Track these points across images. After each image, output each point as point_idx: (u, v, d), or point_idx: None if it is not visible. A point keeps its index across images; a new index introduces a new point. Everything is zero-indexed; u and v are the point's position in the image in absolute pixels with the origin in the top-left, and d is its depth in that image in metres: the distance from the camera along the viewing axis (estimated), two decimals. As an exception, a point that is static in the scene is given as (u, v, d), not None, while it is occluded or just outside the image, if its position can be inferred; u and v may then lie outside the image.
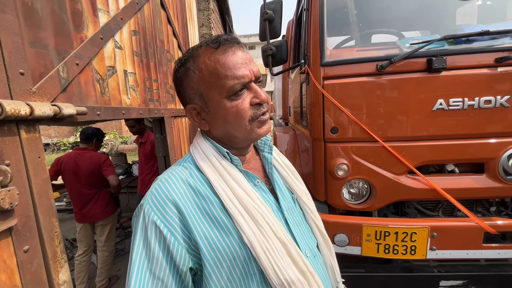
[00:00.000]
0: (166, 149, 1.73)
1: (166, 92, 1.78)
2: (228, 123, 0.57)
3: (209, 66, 0.54)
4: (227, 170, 0.58)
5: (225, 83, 0.53)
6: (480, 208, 1.55)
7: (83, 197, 2.37)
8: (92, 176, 2.37)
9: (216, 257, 0.52)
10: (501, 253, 1.38)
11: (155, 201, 0.53)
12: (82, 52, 0.93)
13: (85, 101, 0.94)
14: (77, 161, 2.34)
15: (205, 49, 0.55)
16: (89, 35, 0.99)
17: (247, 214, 0.54)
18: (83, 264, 2.45)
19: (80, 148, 2.44)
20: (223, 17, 4.80)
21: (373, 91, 1.46)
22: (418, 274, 1.50)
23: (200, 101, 0.57)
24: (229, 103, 0.55)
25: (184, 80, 0.58)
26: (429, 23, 1.82)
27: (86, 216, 2.40)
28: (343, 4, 1.70)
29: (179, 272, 0.52)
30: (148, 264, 0.50)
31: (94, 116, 0.96)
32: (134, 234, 0.54)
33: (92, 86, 0.99)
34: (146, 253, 0.51)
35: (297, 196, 0.70)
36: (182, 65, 0.58)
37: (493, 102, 1.34)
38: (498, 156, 1.37)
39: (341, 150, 1.52)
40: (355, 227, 1.48)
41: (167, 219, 0.52)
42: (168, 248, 0.51)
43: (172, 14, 2.01)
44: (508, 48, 1.33)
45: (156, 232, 0.51)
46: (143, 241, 0.51)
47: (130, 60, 1.32)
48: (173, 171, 0.58)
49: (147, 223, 0.52)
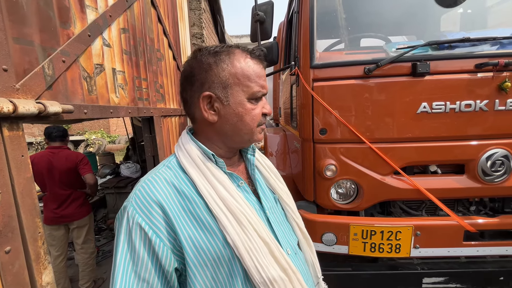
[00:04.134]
0: (155, 148, 1.71)
1: (155, 91, 1.77)
2: (241, 122, 0.61)
3: (244, 67, 0.60)
4: (211, 172, 0.59)
5: (253, 87, 0.60)
6: (461, 208, 1.62)
7: (57, 198, 2.29)
8: (68, 175, 2.30)
9: (201, 257, 0.53)
10: (480, 251, 1.45)
11: (139, 203, 0.53)
12: (69, 49, 0.91)
13: (72, 99, 0.93)
14: (52, 160, 2.26)
15: (242, 53, 0.61)
16: (76, 32, 0.97)
17: (231, 214, 0.55)
18: (59, 271, 2.34)
19: (54, 147, 2.34)
20: (214, 17, 4.79)
21: (361, 93, 1.50)
22: (403, 271, 1.55)
23: (222, 92, 0.59)
24: (249, 105, 0.61)
25: (214, 68, 0.59)
26: (415, 29, 1.89)
27: (61, 217, 2.31)
28: (332, 7, 1.73)
29: (164, 273, 0.52)
30: (133, 266, 0.50)
31: (81, 115, 0.94)
32: (117, 237, 0.53)
33: (79, 84, 0.97)
34: (131, 255, 0.51)
35: (278, 196, 0.73)
36: (214, 54, 0.60)
37: (473, 106, 1.40)
38: (477, 157, 1.44)
39: (330, 151, 1.55)
40: (343, 227, 1.51)
41: (152, 220, 0.52)
42: (153, 249, 0.51)
43: (162, 13, 1.99)
44: (487, 55, 1.40)
45: (141, 234, 0.51)
46: (128, 244, 0.51)
47: (119, 58, 1.30)
48: (157, 172, 0.59)
49: (132, 225, 0.52)
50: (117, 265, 0.50)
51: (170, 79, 2.14)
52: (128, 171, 4.16)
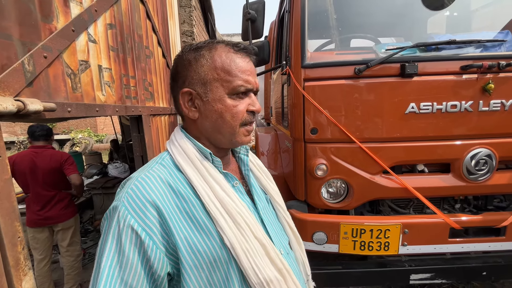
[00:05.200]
0: (143, 148, 1.67)
1: (144, 89, 1.72)
2: (221, 118, 0.58)
3: (225, 61, 0.57)
4: (208, 171, 0.57)
5: (234, 81, 0.57)
6: (447, 205, 1.66)
7: (41, 199, 2.20)
8: (52, 175, 2.22)
9: (197, 259, 0.51)
10: (464, 247, 1.49)
11: (132, 203, 0.50)
12: (51, 44, 0.87)
13: (54, 97, 0.89)
14: (35, 160, 2.17)
15: (225, 47, 0.59)
16: (59, 27, 0.93)
17: (228, 215, 0.54)
18: (43, 275, 2.25)
19: (37, 146, 2.25)
20: (205, 14, 4.73)
21: (351, 93, 1.51)
22: (391, 269, 1.58)
23: (202, 88, 0.58)
24: (230, 101, 0.57)
25: (193, 63, 0.59)
26: (404, 31, 1.93)
27: (44, 219, 2.23)
28: (324, 7, 1.74)
29: (154, 278, 0.50)
30: (120, 271, 0.47)
31: (64, 113, 0.90)
32: (104, 238, 0.50)
33: (62, 81, 0.93)
34: (118, 259, 0.48)
35: (270, 197, 0.73)
36: (195, 50, 0.60)
37: (458, 106, 1.44)
38: (462, 157, 1.48)
39: (320, 150, 1.56)
40: (333, 226, 1.52)
41: (145, 222, 0.49)
42: (145, 253, 0.48)
43: (151, 9, 1.94)
44: (472, 57, 1.44)
45: (132, 237, 0.48)
46: (116, 246, 0.48)
47: (105, 54, 1.25)
48: (151, 170, 0.56)
49: (122, 227, 0.49)
50: (102, 269, 0.47)
51: (160, 77, 2.09)
52: (116, 171, 4.06)
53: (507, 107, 1.43)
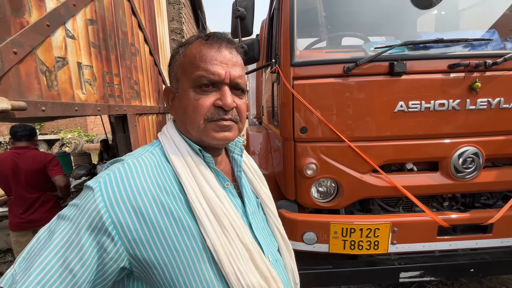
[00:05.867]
0: (129, 148, 1.62)
1: (129, 88, 1.67)
2: (186, 114, 0.55)
3: (191, 53, 0.55)
4: (198, 168, 0.55)
5: (194, 72, 0.53)
6: (435, 203, 1.68)
7: (24, 202, 2.13)
8: (35, 177, 2.14)
9: (174, 260, 0.48)
10: (452, 245, 1.50)
11: (110, 189, 0.46)
12: (22, 39, 0.82)
13: (27, 95, 0.84)
14: (17, 161, 2.10)
15: (197, 39, 0.57)
16: (32, 21, 0.88)
17: (214, 216, 0.52)
18: None
19: (19, 147, 2.17)
20: (195, 12, 4.66)
21: (340, 92, 1.50)
22: (381, 267, 1.58)
23: (176, 84, 0.58)
24: (194, 94, 0.54)
25: (172, 61, 0.60)
26: (393, 29, 1.93)
27: (28, 222, 2.16)
28: (312, 5, 1.72)
29: (102, 269, 0.45)
30: (66, 252, 0.42)
31: (38, 112, 0.85)
32: (64, 212, 0.47)
33: (35, 79, 0.88)
34: (69, 239, 0.43)
35: (261, 201, 0.70)
36: (176, 48, 0.61)
37: (446, 105, 1.45)
38: (450, 155, 1.49)
39: (310, 149, 1.54)
40: (323, 225, 1.51)
41: (117, 213, 0.45)
42: (103, 243, 0.44)
43: (137, 5, 1.88)
44: (459, 56, 1.44)
45: (97, 223, 0.44)
46: (73, 225, 0.44)
47: (85, 51, 1.20)
48: (139, 158, 0.53)
49: (89, 209, 0.45)
50: (51, 243, 0.43)
51: (147, 75, 2.04)
52: (105, 172, 3.96)
53: (494, 105, 1.44)
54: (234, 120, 0.57)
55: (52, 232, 0.45)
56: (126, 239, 0.46)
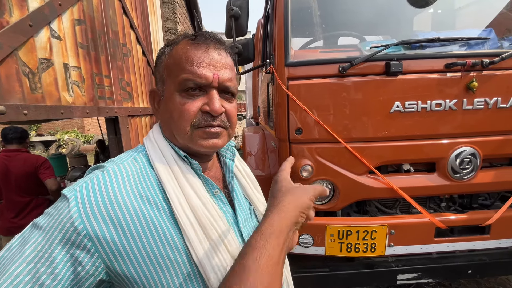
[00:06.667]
0: (121, 151, 1.58)
1: (121, 89, 1.63)
2: (171, 119, 0.52)
3: (177, 54, 0.52)
4: (184, 175, 0.51)
5: (180, 75, 0.50)
6: (432, 205, 1.65)
7: (15, 206, 2.10)
8: (26, 180, 2.11)
9: (157, 275, 0.45)
10: (450, 246, 1.48)
11: (86, 200, 0.43)
12: (1, 40, 0.78)
13: (7, 98, 0.80)
14: (7, 164, 2.07)
15: (184, 39, 0.54)
16: (13, 21, 0.84)
17: (200, 227, 0.48)
18: None
19: (10, 150, 2.14)
20: (191, 12, 4.62)
21: (336, 92, 1.47)
22: (378, 270, 1.56)
23: (161, 86, 0.55)
24: (180, 99, 0.51)
25: (157, 62, 0.57)
26: (389, 29, 1.91)
27: (19, 227, 2.11)
28: (307, 4, 1.70)
29: (79, 283, 0.42)
30: (36, 264, 0.40)
31: (19, 116, 0.81)
32: (38, 220, 0.44)
33: (17, 81, 0.84)
34: (41, 251, 0.41)
35: (254, 207, 0.66)
36: (162, 49, 0.57)
37: (443, 105, 1.43)
38: (447, 156, 1.46)
39: (306, 151, 1.52)
40: (319, 228, 1.49)
41: (93, 226, 0.42)
42: (77, 257, 0.41)
43: (129, 5, 1.84)
44: (456, 55, 1.42)
45: (71, 235, 0.42)
46: (45, 236, 0.42)
47: (72, 52, 1.16)
48: (121, 164, 0.50)
49: (63, 221, 0.42)
50: (22, 254, 0.40)
51: (140, 76, 2.00)
52: (100, 173, 3.91)
53: (491, 105, 1.42)
54: (223, 126, 0.54)
55: (25, 241, 0.42)
56: (103, 252, 0.43)
